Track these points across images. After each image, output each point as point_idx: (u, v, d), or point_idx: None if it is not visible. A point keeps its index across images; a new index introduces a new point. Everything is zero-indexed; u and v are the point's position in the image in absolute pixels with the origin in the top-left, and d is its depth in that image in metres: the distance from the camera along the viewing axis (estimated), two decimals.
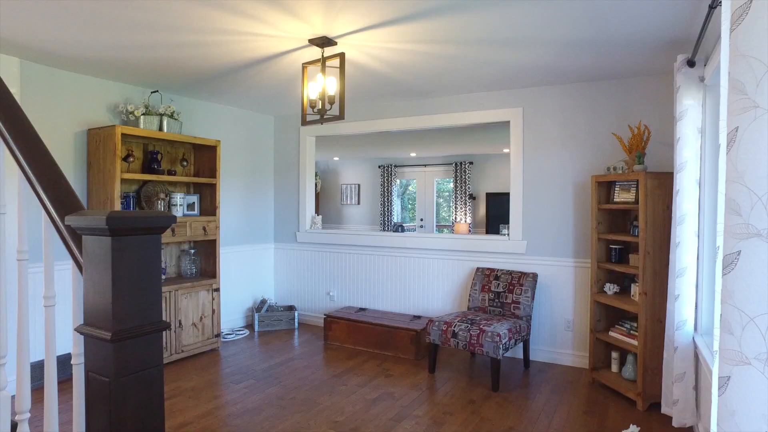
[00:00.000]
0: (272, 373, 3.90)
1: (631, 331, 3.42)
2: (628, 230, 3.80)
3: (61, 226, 0.93)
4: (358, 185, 11.39)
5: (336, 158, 11.19)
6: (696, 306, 2.76)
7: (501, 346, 3.51)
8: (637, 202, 3.44)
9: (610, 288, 3.66)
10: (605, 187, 3.76)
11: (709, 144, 2.72)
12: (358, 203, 11.39)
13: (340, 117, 2.97)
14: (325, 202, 11.83)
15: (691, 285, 2.72)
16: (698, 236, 2.75)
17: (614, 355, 3.67)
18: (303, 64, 3.12)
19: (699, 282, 2.75)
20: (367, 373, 3.93)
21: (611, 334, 3.59)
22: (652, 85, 3.78)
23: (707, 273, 2.73)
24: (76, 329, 0.90)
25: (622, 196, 3.60)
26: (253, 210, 5.49)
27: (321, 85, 3.00)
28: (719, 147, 2.56)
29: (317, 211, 11.65)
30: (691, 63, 2.66)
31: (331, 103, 2.99)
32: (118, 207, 3.64)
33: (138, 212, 0.86)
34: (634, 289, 3.48)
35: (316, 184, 11.44)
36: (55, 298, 1.06)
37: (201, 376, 3.84)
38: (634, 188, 3.50)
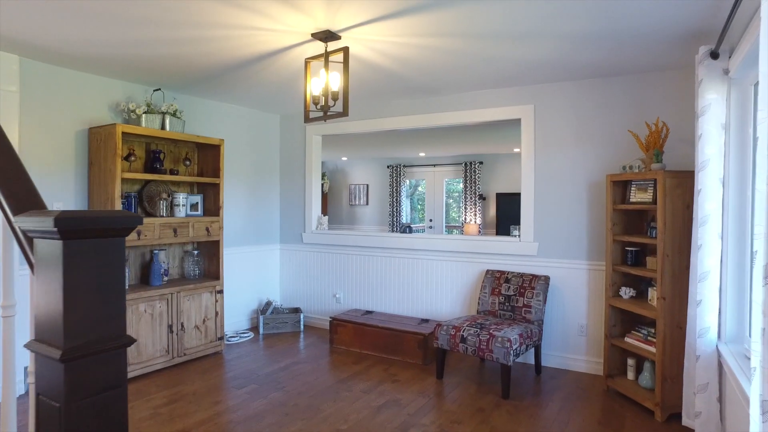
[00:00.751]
0: (275, 378, 3.80)
1: (649, 338, 3.27)
2: (645, 231, 3.64)
3: (16, 226, 0.83)
4: (367, 185, 11.28)
5: (344, 158, 11.09)
6: (719, 312, 2.60)
7: (512, 352, 3.37)
8: (654, 202, 3.29)
9: (626, 292, 3.51)
10: (621, 186, 3.61)
11: (733, 141, 2.56)
12: (367, 204, 11.28)
13: (344, 114, 2.86)
14: (333, 202, 11.74)
15: (714, 290, 2.56)
16: (722, 238, 2.59)
17: (630, 361, 3.51)
18: (306, 59, 3.02)
19: (723, 287, 2.60)
20: (373, 379, 3.81)
21: (627, 340, 3.44)
22: (670, 79, 3.62)
23: (731, 278, 2.58)
24: (25, 345, 0.79)
25: (638, 196, 3.44)
26: (258, 210, 5.40)
27: (324, 81, 2.89)
28: (750, 143, 2.41)
29: (325, 212, 11.56)
30: (714, 55, 2.51)
31: (335, 99, 2.88)
32: (118, 207, 3.56)
33: (95, 212, 0.75)
34: (652, 293, 3.33)
35: (323, 185, 11.35)
36: (15, 307, 0.96)
37: (203, 380, 3.74)
38: (652, 188, 3.34)
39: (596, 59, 3.39)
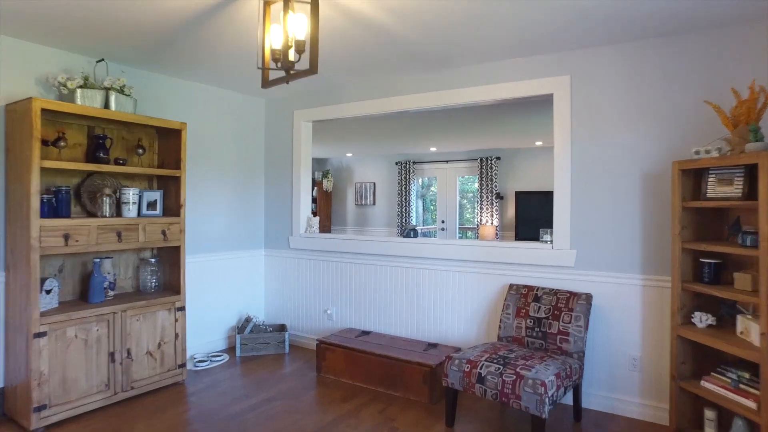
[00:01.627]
0: (241, 422, 2.98)
1: (741, 385, 2.37)
2: (726, 237, 2.74)
3: None
4: (374, 184, 10.43)
5: (349, 154, 10.27)
6: None
7: (547, 399, 2.49)
8: (747, 197, 2.39)
9: (702, 319, 2.61)
10: (691, 177, 2.72)
11: None
12: (374, 203, 10.44)
13: (312, 71, 2.02)
14: (338, 202, 10.92)
15: None
16: None
17: (709, 414, 2.60)
18: (264, 0, 2.19)
19: None
20: (364, 424, 2.97)
21: (705, 384, 2.54)
22: (764, 31, 2.69)
23: None
24: None
25: (719, 190, 2.54)
26: (238, 210, 4.59)
27: (287, 28, 2.06)
28: None
29: (329, 213, 10.75)
30: None
31: (300, 52, 2.04)
32: (35, 206, 2.77)
33: None
34: (743, 323, 2.43)
35: (326, 183, 10.55)
36: None
37: (149, 423, 2.94)
38: (741, 177, 2.44)
39: (657, 9, 2.49)
